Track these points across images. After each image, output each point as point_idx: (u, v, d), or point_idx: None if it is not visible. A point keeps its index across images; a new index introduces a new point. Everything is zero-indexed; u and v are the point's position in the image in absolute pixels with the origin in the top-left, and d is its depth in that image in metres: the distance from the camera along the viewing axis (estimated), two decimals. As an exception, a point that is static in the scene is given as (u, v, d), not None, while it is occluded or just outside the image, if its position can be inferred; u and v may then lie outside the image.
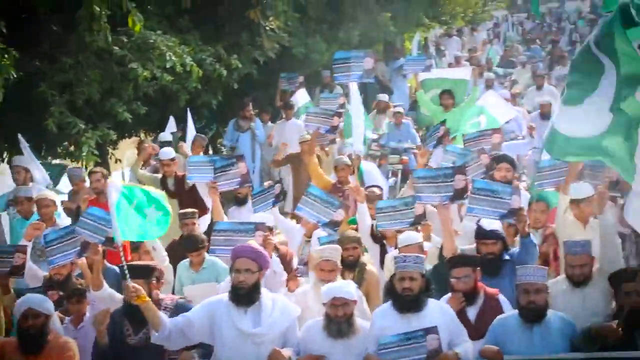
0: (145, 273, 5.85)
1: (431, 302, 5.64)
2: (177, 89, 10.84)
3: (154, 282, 5.90)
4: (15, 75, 8.46)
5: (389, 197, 9.43)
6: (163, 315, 5.43)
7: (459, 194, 6.86)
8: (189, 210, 8.05)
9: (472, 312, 5.90)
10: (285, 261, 7.15)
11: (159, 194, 6.53)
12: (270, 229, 7.36)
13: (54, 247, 6.34)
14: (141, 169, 10.13)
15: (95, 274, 6.17)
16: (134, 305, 5.37)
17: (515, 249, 6.67)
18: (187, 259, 7.15)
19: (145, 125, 12.07)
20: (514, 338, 5.49)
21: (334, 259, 6.26)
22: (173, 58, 10.12)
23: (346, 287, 5.62)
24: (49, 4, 9.25)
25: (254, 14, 11.89)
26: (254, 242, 5.92)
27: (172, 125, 11.39)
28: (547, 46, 24.40)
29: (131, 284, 5.39)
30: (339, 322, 5.44)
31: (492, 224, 6.60)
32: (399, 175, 11.58)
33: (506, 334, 5.52)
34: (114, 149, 12.15)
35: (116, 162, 12.34)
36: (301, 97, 13.08)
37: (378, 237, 7.52)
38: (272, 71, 13.19)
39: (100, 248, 6.26)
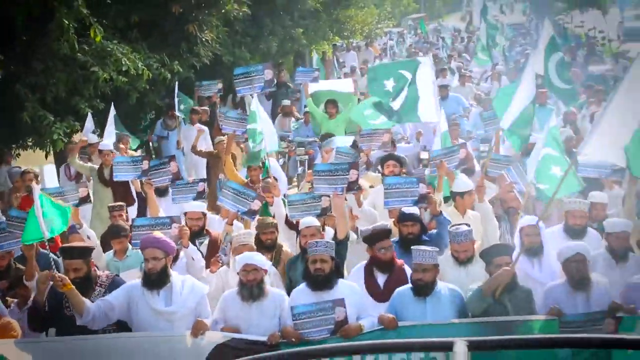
0: (84, 253, 5.86)
1: (341, 282, 5.83)
2: (129, 89, 11.54)
3: (92, 260, 6.00)
4: (2, 76, 9.23)
5: (298, 184, 9.77)
6: (87, 301, 5.44)
7: (352, 185, 7.09)
8: (117, 203, 8.15)
9: (381, 279, 6.12)
10: (216, 244, 7.11)
11: (64, 208, 6.35)
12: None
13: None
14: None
15: (28, 266, 6.31)
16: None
17: (432, 231, 6.91)
18: (112, 251, 7.15)
19: (102, 118, 12.45)
20: (409, 307, 5.65)
21: (248, 242, 6.42)
22: (127, 63, 10.84)
23: (256, 256, 5.82)
24: (24, 15, 9.72)
25: (192, 27, 12.54)
26: (159, 233, 5.97)
27: (90, 125, 11.17)
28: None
29: (57, 274, 5.46)
30: (250, 286, 5.59)
31: (411, 208, 6.87)
32: (306, 165, 11.87)
33: (403, 304, 5.69)
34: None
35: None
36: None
37: (292, 224, 7.57)
38: (206, 75, 13.83)
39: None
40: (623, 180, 7.93)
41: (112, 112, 11.18)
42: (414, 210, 6.88)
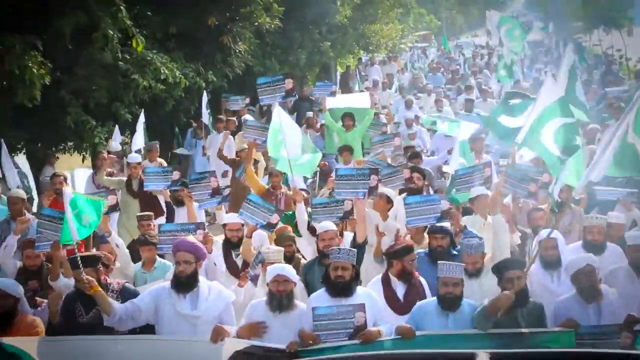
0: (92, 262, 5.86)
1: (359, 289, 5.77)
2: (166, 97, 12.01)
3: (101, 268, 5.96)
4: (49, 82, 9.53)
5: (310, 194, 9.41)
6: (114, 302, 5.49)
7: (372, 191, 7.20)
8: (146, 213, 8.11)
9: (400, 291, 6.06)
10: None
11: (98, 202, 6.42)
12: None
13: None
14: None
15: (53, 267, 6.28)
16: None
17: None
18: (140, 262, 7.11)
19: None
20: (432, 321, 5.55)
21: (279, 260, 6.43)
22: (166, 72, 11.33)
23: (288, 267, 5.83)
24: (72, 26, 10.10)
25: (227, 39, 13.02)
26: (192, 238, 6.04)
27: (117, 135, 11.38)
28: (449, 74, 24.84)
29: (85, 276, 5.45)
30: (280, 297, 5.56)
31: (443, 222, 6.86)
32: (317, 176, 11.67)
33: (425, 318, 5.59)
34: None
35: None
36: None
37: (314, 230, 7.46)
38: (238, 85, 14.20)
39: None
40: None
41: (142, 121, 11.34)
42: (446, 224, 6.88)
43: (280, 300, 5.54)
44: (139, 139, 11.34)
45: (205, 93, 12.45)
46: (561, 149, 6.91)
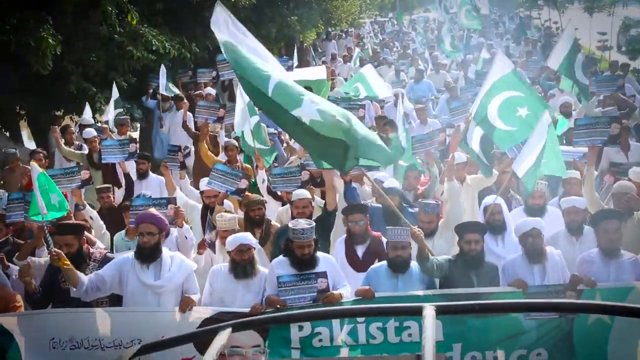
0: (76, 230, 5.87)
1: (320, 255, 5.74)
2: (155, 66, 12.55)
3: (84, 237, 5.96)
4: (59, 52, 10.17)
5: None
6: (81, 274, 5.42)
7: (304, 185, 7.34)
8: (104, 185, 8.12)
9: (360, 250, 6.14)
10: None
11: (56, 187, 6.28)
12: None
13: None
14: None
15: (24, 247, 6.34)
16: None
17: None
18: (123, 230, 7.01)
19: (132, 91, 13.20)
20: (383, 283, 5.57)
21: (234, 228, 6.36)
22: (157, 43, 11.97)
23: (249, 236, 5.76)
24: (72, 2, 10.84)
25: (207, 13, 12.68)
26: (154, 210, 5.95)
27: (88, 111, 11.38)
28: (401, 48, 24.70)
29: (53, 249, 5.42)
30: (244, 265, 5.54)
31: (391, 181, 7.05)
32: None
33: (377, 280, 5.61)
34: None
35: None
36: None
37: (275, 194, 7.76)
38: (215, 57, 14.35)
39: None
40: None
41: (115, 95, 11.28)
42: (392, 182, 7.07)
43: (244, 267, 5.52)
44: (110, 112, 11.24)
45: (162, 66, 12.31)
46: (504, 122, 6.98)
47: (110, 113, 11.27)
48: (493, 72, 7.32)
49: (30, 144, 13.27)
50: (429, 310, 2.34)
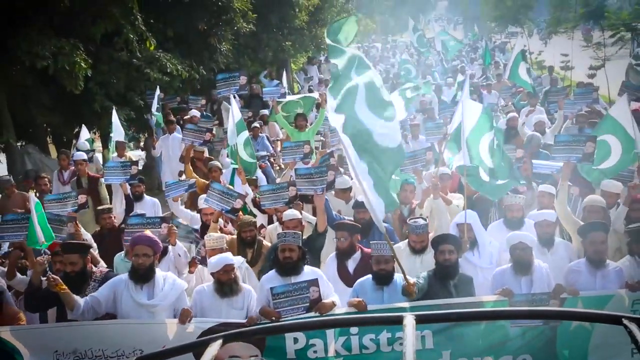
0: (82, 249, 5.87)
1: (307, 268, 5.75)
2: (167, 87, 13.55)
3: (88, 257, 5.93)
4: (90, 74, 11.16)
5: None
6: (77, 297, 5.39)
7: (329, 185, 7.35)
8: (106, 206, 8.02)
9: (351, 266, 6.14)
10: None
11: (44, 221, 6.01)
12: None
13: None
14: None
15: (9, 267, 6.32)
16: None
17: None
18: (123, 252, 6.87)
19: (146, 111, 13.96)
20: (370, 295, 5.54)
21: (221, 247, 6.31)
22: (170, 66, 13.05)
23: (229, 255, 5.71)
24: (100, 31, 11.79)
25: (213, 40, 14.76)
26: (149, 232, 5.94)
27: (85, 133, 11.61)
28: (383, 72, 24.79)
29: (50, 275, 5.37)
30: (230, 283, 5.49)
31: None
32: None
33: (363, 293, 5.57)
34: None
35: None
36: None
37: (260, 206, 7.79)
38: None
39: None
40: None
41: (115, 119, 11.16)
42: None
43: (230, 286, 5.50)
44: (117, 134, 11.15)
45: (158, 89, 12.44)
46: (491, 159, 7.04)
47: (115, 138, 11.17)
48: (466, 120, 7.17)
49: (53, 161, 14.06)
50: (409, 319, 2.36)
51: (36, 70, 10.83)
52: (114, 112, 11.25)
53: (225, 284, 5.50)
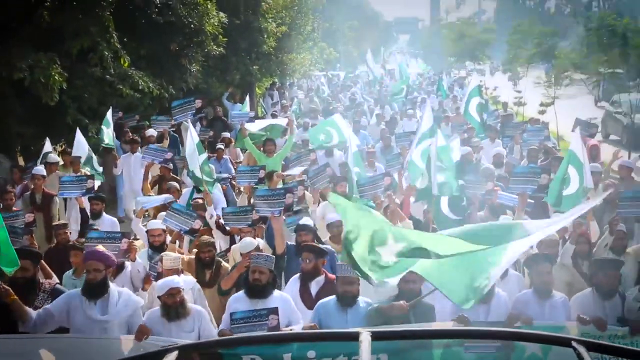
0: (34, 256, 5.89)
1: (276, 292, 5.74)
2: (137, 104, 14.09)
3: (38, 267, 5.92)
4: (65, 87, 11.47)
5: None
6: (29, 309, 5.33)
7: (288, 208, 7.46)
8: (61, 222, 7.98)
9: (314, 289, 6.11)
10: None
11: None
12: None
13: None
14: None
15: None
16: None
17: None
18: (71, 270, 6.83)
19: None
20: (333, 317, 5.52)
21: (177, 267, 6.25)
22: (142, 84, 13.45)
23: (177, 279, 5.58)
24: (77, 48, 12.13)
25: (184, 61, 15.26)
26: (101, 247, 5.86)
27: (48, 146, 11.41)
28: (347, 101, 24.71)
29: (2, 285, 5.30)
30: (176, 307, 5.39)
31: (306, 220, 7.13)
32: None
33: (326, 315, 5.57)
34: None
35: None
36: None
37: (223, 227, 7.83)
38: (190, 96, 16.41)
39: None
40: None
41: (78, 135, 11.11)
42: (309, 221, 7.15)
43: (176, 310, 5.43)
44: (79, 149, 11.03)
45: (110, 110, 12.32)
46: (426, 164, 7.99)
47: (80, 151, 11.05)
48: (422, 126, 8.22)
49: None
50: (365, 336, 2.39)
51: (12, 81, 11.12)
52: (78, 131, 11.23)
53: (172, 308, 5.41)
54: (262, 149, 11.51)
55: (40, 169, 9.76)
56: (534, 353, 5.21)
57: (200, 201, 8.46)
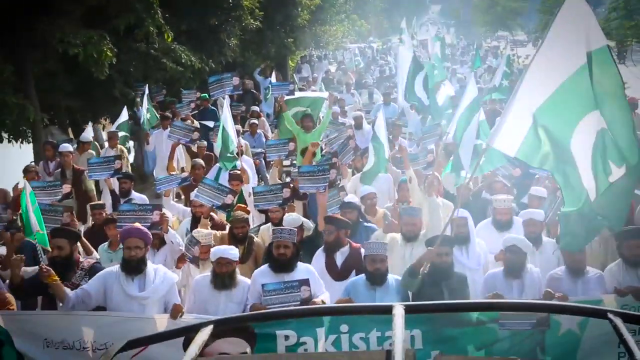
0: (72, 235, 5.92)
1: (300, 265, 5.74)
2: (179, 77, 14.48)
3: (76, 245, 5.96)
4: (115, 61, 12.04)
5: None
6: (68, 290, 5.38)
7: (331, 184, 7.36)
8: (98, 202, 8.04)
9: (339, 260, 6.13)
10: (220, 225, 7.12)
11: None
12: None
13: None
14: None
15: (7, 257, 6.36)
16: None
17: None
18: (107, 242, 6.87)
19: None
20: (363, 295, 5.48)
21: (207, 243, 6.34)
22: (185, 58, 14.00)
23: (230, 249, 5.63)
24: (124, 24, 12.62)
25: (223, 35, 15.73)
26: (139, 224, 5.87)
27: (89, 130, 12.00)
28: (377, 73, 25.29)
29: (44, 266, 5.36)
30: (222, 277, 5.47)
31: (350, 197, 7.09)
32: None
33: (356, 292, 5.52)
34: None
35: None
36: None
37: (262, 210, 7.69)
38: (228, 70, 15.85)
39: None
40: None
41: (124, 112, 11.83)
42: (355, 199, 7.21)
43: (223, 279, 5.50)
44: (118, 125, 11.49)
45: (147, 86, 12.83)
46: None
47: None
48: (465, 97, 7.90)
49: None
50: (398, 309, 2.38)
51: (67, 57, 11.81)
52: (124, 109, 11.76)
53: (219, 276, 5.51)
54: (300, 124, 11.27)
55: (66, 146, 9.91)
56: (570, 329, 5.13)
57: (238, 171, 8.52)
